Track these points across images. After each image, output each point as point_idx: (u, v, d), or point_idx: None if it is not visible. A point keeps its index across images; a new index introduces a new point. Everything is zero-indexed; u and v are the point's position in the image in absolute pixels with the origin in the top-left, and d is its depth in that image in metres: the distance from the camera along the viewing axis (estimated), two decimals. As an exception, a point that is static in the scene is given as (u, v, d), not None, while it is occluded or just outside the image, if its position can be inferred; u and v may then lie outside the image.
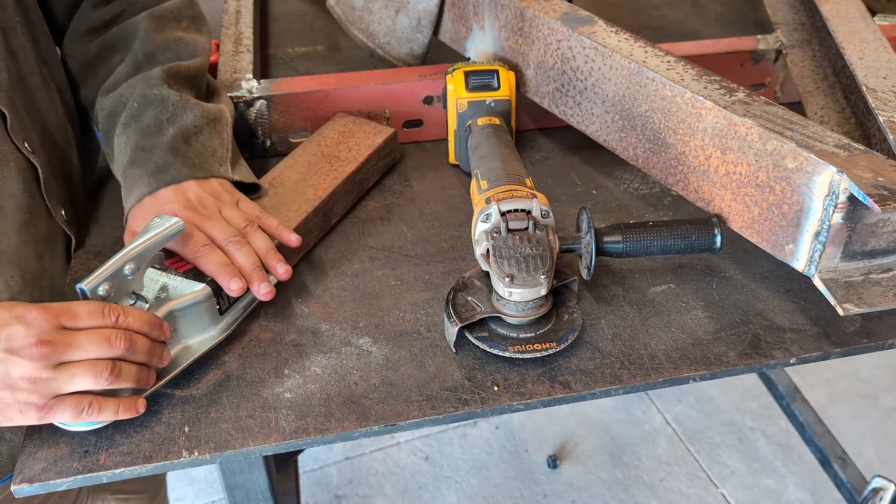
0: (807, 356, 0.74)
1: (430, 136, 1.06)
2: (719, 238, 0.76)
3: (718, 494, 1.85)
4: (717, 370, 0.72)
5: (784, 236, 0.72)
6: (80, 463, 0.64)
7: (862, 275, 0.70)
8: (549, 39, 0.91)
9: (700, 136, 0.77)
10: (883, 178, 0.64)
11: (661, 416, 2.04)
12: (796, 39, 1.05)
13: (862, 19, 0.97)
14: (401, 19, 1.04)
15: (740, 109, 0.74)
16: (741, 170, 0.74)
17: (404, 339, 0.75)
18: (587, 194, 0.95)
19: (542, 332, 0.73)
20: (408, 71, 1.04)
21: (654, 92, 0.80)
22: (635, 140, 0.85)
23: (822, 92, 0.95)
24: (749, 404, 2.07)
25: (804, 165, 0.68)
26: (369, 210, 0.93)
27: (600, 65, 0.85)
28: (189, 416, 0.68)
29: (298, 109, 1.00)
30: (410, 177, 0.99)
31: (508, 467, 1.90)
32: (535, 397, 0.69)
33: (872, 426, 2.02)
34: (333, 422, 0.67)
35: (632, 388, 0.71)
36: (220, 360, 0.73)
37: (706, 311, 0.78)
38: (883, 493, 1.48)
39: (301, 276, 0.83)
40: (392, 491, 1.85)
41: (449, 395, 0.70)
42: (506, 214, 0.73)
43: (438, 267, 0.84)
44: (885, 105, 0.81)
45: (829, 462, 1.67)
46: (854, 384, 2.14)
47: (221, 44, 1.11)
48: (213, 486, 1.88)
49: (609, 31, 0.87)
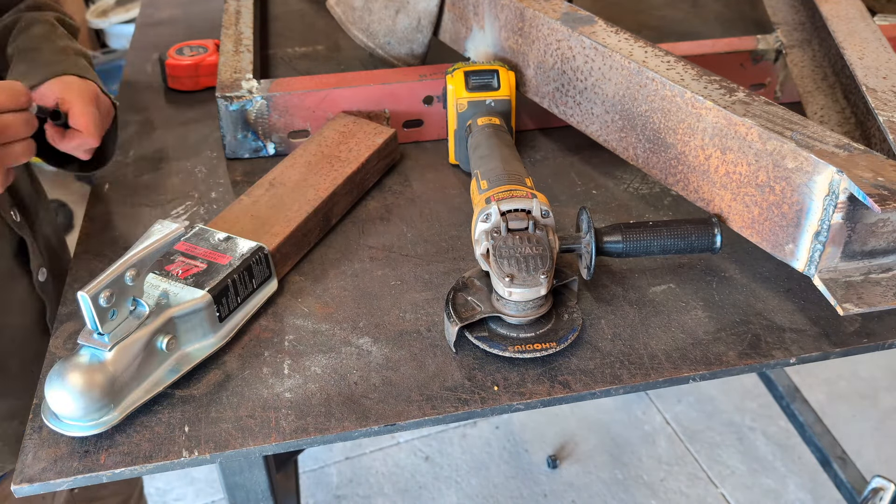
0: (807, 356, 0.74)
1: (430, 136, 1.06)
2: (719, 238, 0.76)
3: (718, 494, 1.85)
4: (717, 370, 0.72)
5: (784, 236, 0.72)
6: (80, 463, 0.64)
7: (862, 275, 0.70)
8: (549, 39, 0.91)
9: (700, 135, 0.77)
10: (883, 178, 0.64)
11: (661, 416, 2.04)
12: (796, 39, 1.05)
13: (862, 19, 0.97)
14: (401, 19, 1.04)
15: (740, 109, 0.74)
16: (741, 170, 0.74)
17: (404, 339, 0.75)
18: (587, 194, 0.95)
19: (542, 331, 0.73)
20: (408, 71, 1.04)
21: (654, 92, 0.80)
22: (635, 140, 0.85)
23: (822, 92, 0.95)
24: (749, 404, 2.07)
25: (804, 165, 0.68)
26: (369, 210, 0.93)
27: (600, 65, 0.85)
28: (189, 416, 0.68)
29: (298, 109, 1.00)
30: (410, 177, 0.99)
31: (508, 467, 1.90)
32: (535, 397, 0.69)
33: (872, 426, 2.02)
34: (333, 422, 0.67)
35: (632, 388, 0.71)
36: (220, 360, 0.73)
37: (706, 311, 0.78)
38: (883, 493, 1.48)
39: (301, 276, 0.83)
40: (392, 491, 1.85)
41: (449, 394, 0.70)
42: (506, 214, 0.73)
43: (438, 267, 0.84)
44: (885, 105, 0.81)
45: (829, 462, 1.67)
46: (854, 384, 2.14)
47: (221, 44, 1.11)
48: (213, 486, 1.88)
49: (609, 31, 0.87)
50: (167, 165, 1.01)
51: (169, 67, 1.17)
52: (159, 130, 1.09)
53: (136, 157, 1.03)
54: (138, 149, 1.05)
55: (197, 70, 1.17)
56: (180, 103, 1.16)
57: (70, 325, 0.77)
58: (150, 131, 1.09)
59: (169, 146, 1.05)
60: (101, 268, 0.83)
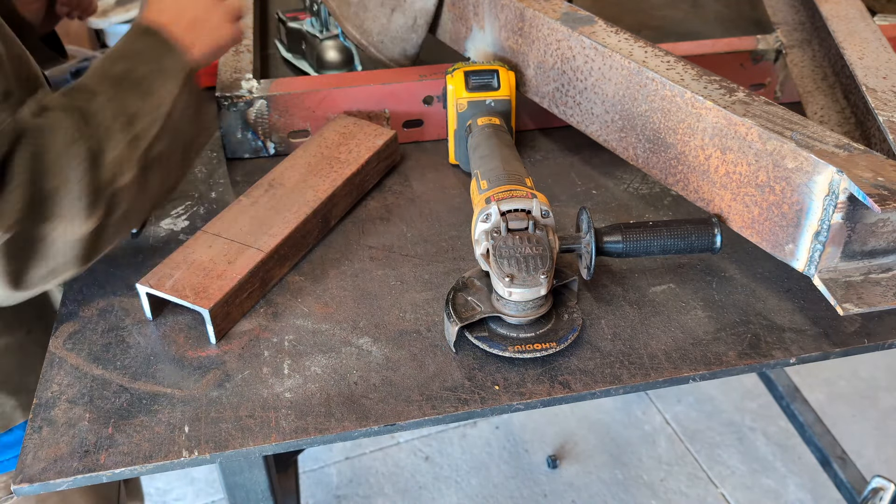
0: (807, 356, 0.74)
1: (430, 136, 1.06)
2: (719, 238, 0.76)
3: (718, 494, 1.85)
4: (717, 370, 0.72)
5: (784, 236, 0.72)
6: (80, 463, 0.64)
7: (862, 275, 0.70)
8: (549, 39, 0.91)
9: (700, 135, 0.77)
10: (883, 178, 0.64)
11: (661, 416, 2.04)
12: (796, 39, 1.05)
13: (862, 19, 0.97)
14: (396, 18, 1.04)
15: (740, 109, 0.74)
16: (741, 170, 0.74)
17: (404, 339, 0.75)
18: (587, 194, 0.95)
19: (541, 331, 0.73)
20: (408, 71, 1.04)
21: (653, 92, 0.80)
22: (635, 140, 0.85)
23: (822, 92, 0.95)
24: (749, 404, 2.07)
25: (804, 165, 0.68)
26: (369, 210, 0.93)
27: (600, 65, 0.85)
28: (189, 416, 0.68)
29: (298, 109, 1.00)
30: (410, 177, 0.99)
31: (508, 467, 1.90)
32: (535, 397, 0.69)
33: (872, 426, 2.02)
34: (333, 422, 0.67)
35: (632, 388, 0.71)
36: (220, 359, 0.73)
37: (706, 310, 0.78)
38: (883, 493, 1.48)
39: (301, 276, 0.83)
40: (392, 491, 1.85)
41: (449, 395, 0.70)
42: (505, 214, 0.73)
43: (438, 267, 0.84)
44: (885, 105, 0.81)
45: (829, 462, 1.67)
46: (854, 384, 2.14)
47: (221, 44, 1.11)
48: (213, 486, 1.87)
49: (609, 31, 0.87)
50: (167, 165, 1.01)
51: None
52: (159, 130, 1.09)
53: (136, 157, 1.03)
54: (138, 149, 1.05)
55: (197, 70, 1.17)
56: (180, 103, 1.16)
57: (69, 325, 0.77)
58: (150, 131, 1.09)
59: (169, 146, 1.05)
60: (100, 268, 0.83)
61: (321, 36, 1.16)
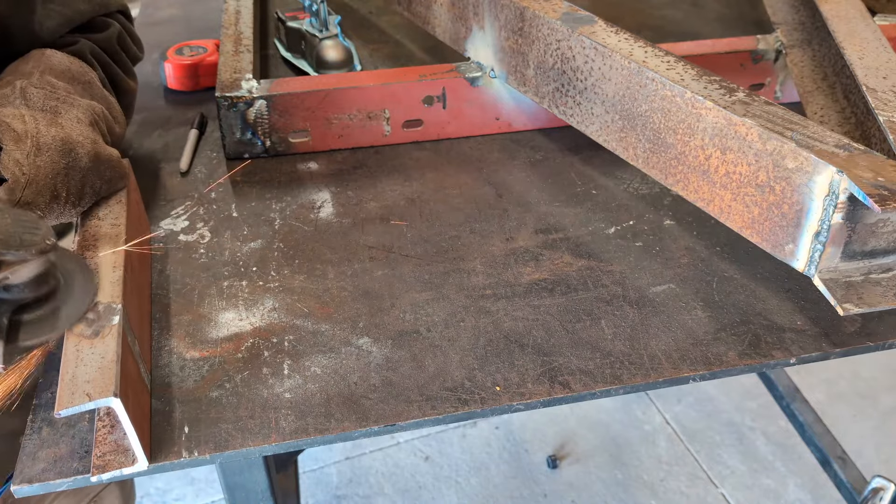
0: (807, 356, 0.74)
1: (430, 136, 1.06)
2: None
3: (718, 494, 1.85)
4: (717, 370, 0.72)
5: (784, 236, 0.72)
6: (80, 463, 0.64)
7: (862, 275, 0.70)
8: (549, 39, 0.91)
9: (700, 136, 0.77)
10: (883, 178, 0.64)
11: (661, 416, 2.04)
12: (796, 39, 1.05)
13: (862, 19, 0.97)
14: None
15: (740, 109, 0.74)
16: (741, 170, 0.74)
17: (404, 339, 0.75)
18: (587, 194, 0.95)
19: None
20: (408, 71, 1.04)
21: (653, 92, 0.80)
22: (635, 140, 0.85)
23: (822, 92, 0.95)
24: (749, 404, 2.07)
25: (804, 165, 0.68)
26: (369, 210, 0.93)
27: (600, 65, 0.85)
28: (189, 416, 0.68)
29: (298, 109, 1.00)
30: (411, 177, 0.99)
31: (508, 467, 1.90)
32: (535, 397, 0.69)
33: (872, 426, 2.02)
34: (333, 422, 0.67)
35: (632, 388, 0.71)
36: (219, 359, 0.73)
37: (706, 311, 0.78)
38: (883, 493, 1.48)
39: (300, 276, 0.83)
40: (392, 491, 1.85)
41: (449, 395, 0.70)
42: None
43: (438, 267, 0.84)
44: (885, 105, 0.81)
45: (829, 462, 1.67)
46: (854, 384, 2.14)
47: (221, 44, 1.11)
48: (213, 486, 1.88)
49: (609, 31, 0.87)
50: (167, 166, 1.01)
51: (169, 67, 1.17)
52: (159, 130, 1.09)
53: (135, 158, 1.03)
54: (138, 149, 1.05)
55: (197, 70, 1.17)
56: (180, 103, 1.16)
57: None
58: (149, 131, 1.09)
59: (169, 146, 1.05)
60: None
61: (321, 35, 1.16)
